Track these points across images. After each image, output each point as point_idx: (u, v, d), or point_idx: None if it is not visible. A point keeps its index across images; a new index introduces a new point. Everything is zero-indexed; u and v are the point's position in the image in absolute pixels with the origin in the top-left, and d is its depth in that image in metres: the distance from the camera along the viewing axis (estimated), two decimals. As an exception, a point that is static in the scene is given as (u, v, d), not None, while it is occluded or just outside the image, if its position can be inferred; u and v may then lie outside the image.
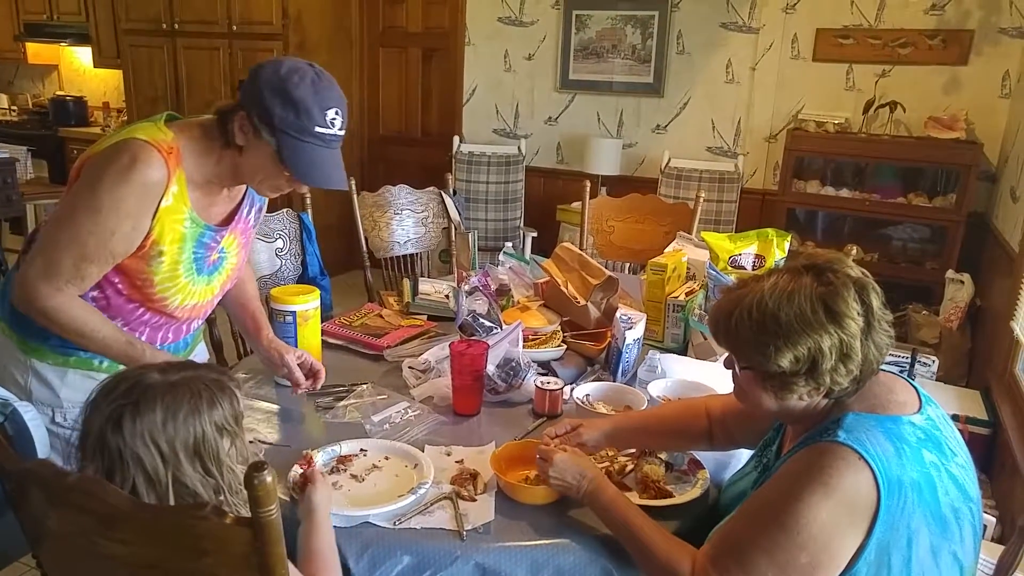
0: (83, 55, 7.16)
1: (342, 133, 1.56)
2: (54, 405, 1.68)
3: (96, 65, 6.88)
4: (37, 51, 7.27)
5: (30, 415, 1.40)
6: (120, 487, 1.08)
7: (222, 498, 1.15)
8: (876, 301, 1.26)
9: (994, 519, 2.47)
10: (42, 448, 1.40)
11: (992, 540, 2.41)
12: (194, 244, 1.64)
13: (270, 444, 1.71)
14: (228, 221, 1.73)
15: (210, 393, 1.15)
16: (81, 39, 6.78)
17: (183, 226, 1.59)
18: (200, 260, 1.68)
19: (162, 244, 1.57)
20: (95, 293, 1.61)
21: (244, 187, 1.73)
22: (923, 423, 1.25)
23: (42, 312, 1.55)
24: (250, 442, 1.55)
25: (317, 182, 1.56)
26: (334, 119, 1.53)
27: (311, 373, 1.87)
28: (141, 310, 1.66)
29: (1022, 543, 1.35)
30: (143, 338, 1.70)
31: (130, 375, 1.16)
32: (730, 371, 1.38)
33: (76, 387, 1.68)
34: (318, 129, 1.51)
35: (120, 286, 1.61)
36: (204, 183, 1.62)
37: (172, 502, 1.10)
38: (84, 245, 1.50)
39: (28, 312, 1.57)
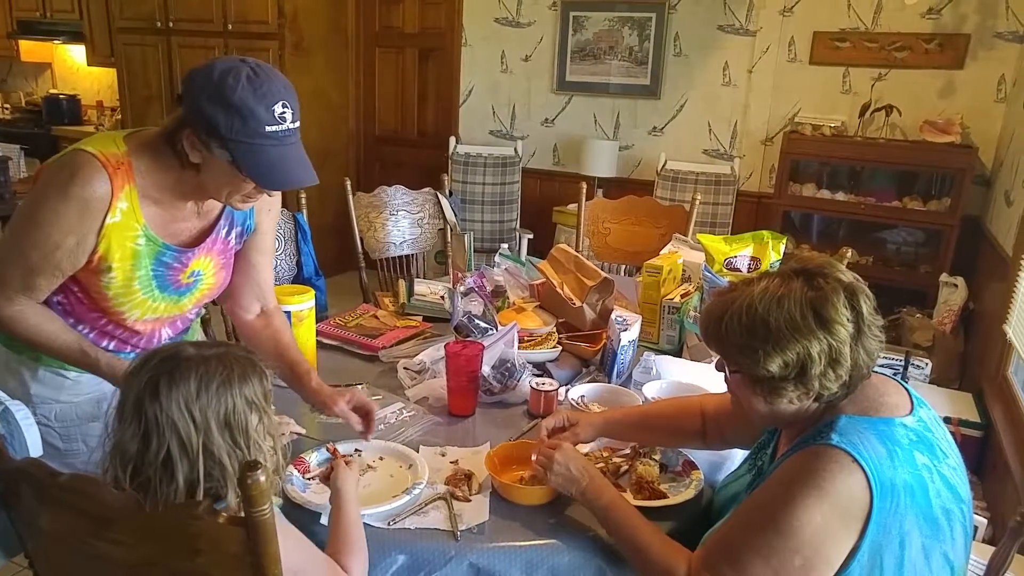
0: (77, 53, 7.14)
1: (296, 125, 1.45)
2: (24, 401, 1.62)
3: (90, 63, 6.87)
4: (30, 49, 7.25)
5: (22, 414, 1.39)
6: (156, 452, 1.11)
7: None
8: (866, 306, 1.26)
9: (985, 520, 2.48)
10: (34, 447, 1.39)
11: (983, 541, 2.42)
12: (152, 262, 1.57)
13: (302, 435, 1.71)
14: (199, 240, 1.65)
15: (241, 368, 1.18)
16: (75, 37, 6.75)
17: (136, 243, 1.53)
18: (162, 279, 1.61)
19: (110, 260, 1.51)
20: (60, 298, 1.58)
21: (219, 205, 1.65)
22: (915, 425, 1.25)
23: None
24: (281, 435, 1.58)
25: (284, 184, 1.48)
26: (283, 113, 1.42)
27: (364, 413, 1.70)
28: (103, 320, 1.63)
29: (1013, 544, 1.36)
30: (111, 346, 1.67)
31: (165, 348, 1.20)
32: (722, 374, 1.38)
33: (47, 383, 1.67)
34: (269, 128, 1.40)
35: (79, 295, 1.58)
36: (163, 199, 1.55)
37: (202, 470, 1.12)
38: (28, 258, 1.48)
39: None
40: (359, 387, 1.96)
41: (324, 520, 1.40)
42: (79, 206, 1.45)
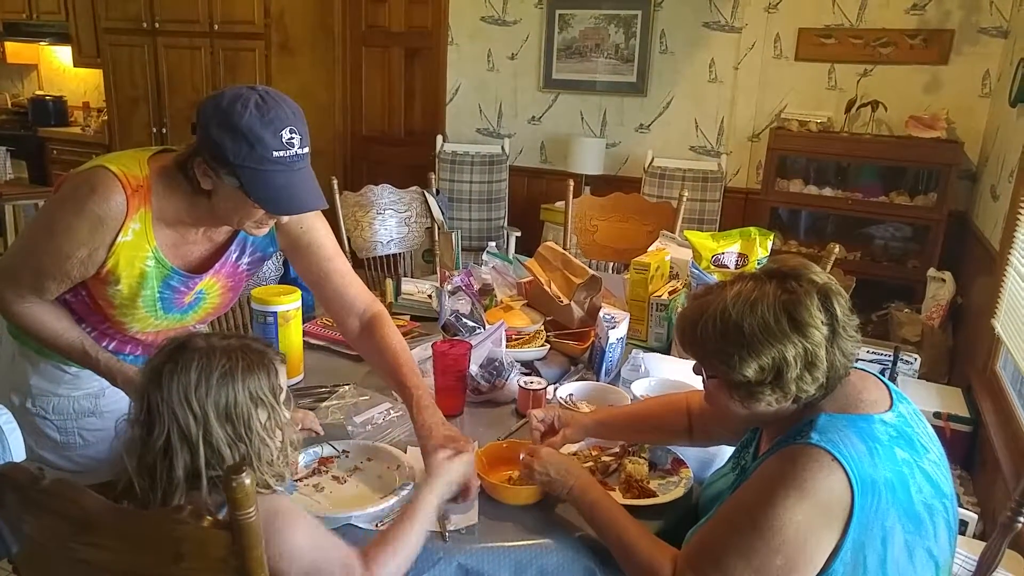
0: (63, 54, 7.09)
1: (305, 151, 1.45)
2: (26, 392, 1.70)
3: (76, 64, 6.83)
4: (16, 50, 7.21)
5: (4, 419, 1.38)
6: (157, 439, 1.12)
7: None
8: (841, 308, 1.25)
9: (976, 516, 2.48)
10: (17, 452, 1.38)
11: (974, 537, 2.42)
12: (159, 285, 1.59)
13: (320, 436, 1.69)
14: (208, 264, 1.66)
15: (247, 362, 1.18)
16: (61, 38, 6.72)
17: (145, 264, 1.55)
18: (168, 301, 1.63)
19: (119, 274, 1.54)
20: (68, 296, 1.61)
21: (228, 230, 1.66)
22: (894, 420, 1.25)
23: (6, 315, 1.61)
24: (300, 429, 1.59)
25: (291, 209, 1.48)
26: (291, 139, 1.42)
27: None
28: (105, 324, 1.65)
29: (1003, 539, 1.36)
30: (111, 346, 1.68)
31: (179, 339, 1.21)
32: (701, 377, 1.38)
33: (47, 376, 1.70)
34: (277, 154, 1.40)
35: (86, 298, 1.61)
36: (177, 223, 1.57)
37: (202, 460, 1.13)
38: (40, 262, 1.52)
39: None
40: (345, 388, 1.96)
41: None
42: (92, 221, 1.47)
